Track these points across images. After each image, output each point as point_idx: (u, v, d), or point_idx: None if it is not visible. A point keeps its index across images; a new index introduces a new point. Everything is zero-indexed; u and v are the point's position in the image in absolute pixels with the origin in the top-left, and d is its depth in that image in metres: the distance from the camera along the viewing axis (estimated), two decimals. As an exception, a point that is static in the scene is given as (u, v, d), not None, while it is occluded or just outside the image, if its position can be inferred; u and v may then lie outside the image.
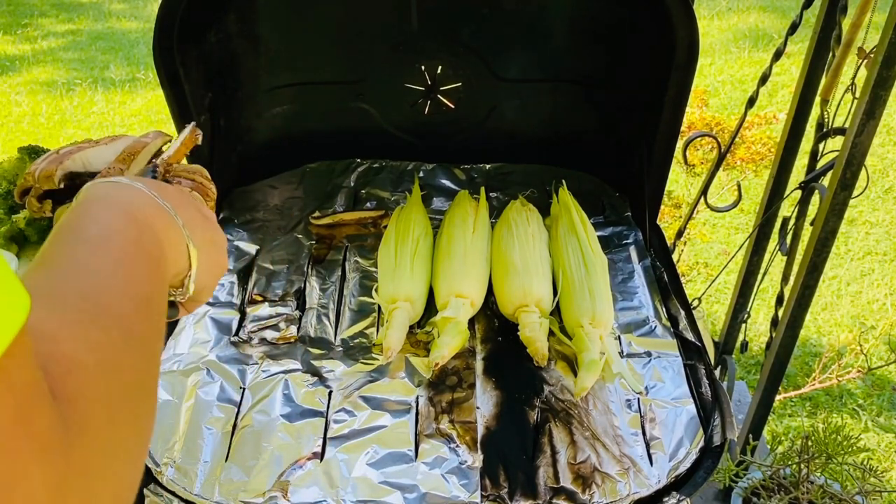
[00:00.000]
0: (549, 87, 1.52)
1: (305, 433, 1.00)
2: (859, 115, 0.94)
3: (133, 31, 5.29)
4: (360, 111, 1.55)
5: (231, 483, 0.93)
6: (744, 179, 3.10)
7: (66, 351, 0.34)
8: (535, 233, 1.30)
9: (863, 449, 1.07)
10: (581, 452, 0.97)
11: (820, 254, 1.06)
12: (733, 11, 5.02)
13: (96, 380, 0.34)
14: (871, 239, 2.89)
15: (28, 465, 0.26)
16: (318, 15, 1.45)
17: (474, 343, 1.16)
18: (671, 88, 1.24)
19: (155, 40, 1.17)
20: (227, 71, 1.40)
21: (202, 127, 1.31)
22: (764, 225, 1.37)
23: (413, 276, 1.21)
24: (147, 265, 0.46)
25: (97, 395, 0.33)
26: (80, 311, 0.38)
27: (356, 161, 1.62)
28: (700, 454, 0.98)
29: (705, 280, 2.62)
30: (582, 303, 1.15)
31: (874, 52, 0.91)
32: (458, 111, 1.55)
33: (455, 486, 0.93)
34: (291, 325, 1.20)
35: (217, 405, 1.04)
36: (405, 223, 1.32)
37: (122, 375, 0.37)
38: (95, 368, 0.34)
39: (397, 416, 1.03)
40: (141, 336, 0.40)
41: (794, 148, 1.29)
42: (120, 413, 0.35)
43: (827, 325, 2.50)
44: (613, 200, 1.51)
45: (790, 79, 3.90)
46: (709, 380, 1.09)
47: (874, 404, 2.19)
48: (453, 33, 1.45)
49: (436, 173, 1.60)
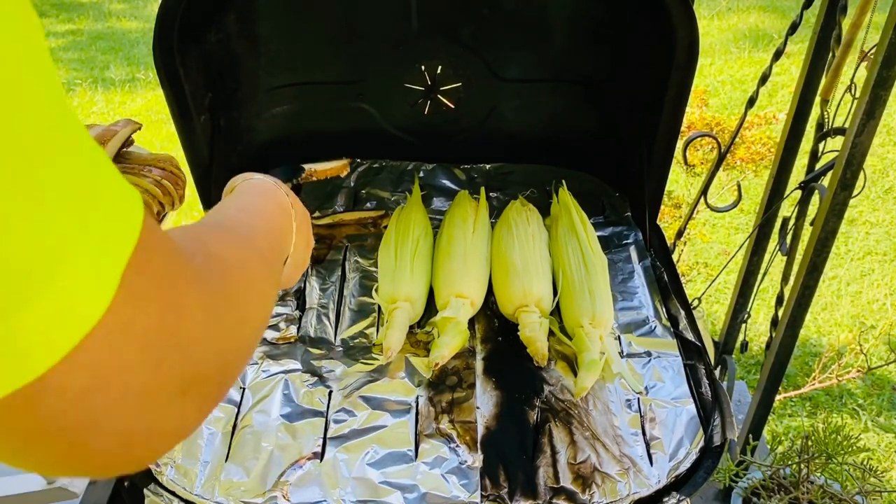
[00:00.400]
0: (549, 87, 1.52)
1: (305, 433, 1.00)
2: (859, 115, 0.94)
3: (133, 31, 5.29)
4: (360, 111, 1.55)
5: (231, 483, 0.94)
6: (744, 179, 3.10)
7: (213, 251, 0.42)
8: (535, 233, 1.30)
9: (863, 449, 1.07)
10: (581, 452, 0.97)
11: (820, 254, 1.06)
12: (733, 11, 5.02)
13: (234, 272, 0.43)
14: (871, 239, 2.89)
15: (188, 292, 0.34)
16: (318, 15, 1.45)
17: (474, 343, 1.16)
18: (671, 88, 1.24)
19: (155, 40, 1.17)
20: (227, 71, 1.40)
21: (202, 127, 1.31)
22: (764, 225, 1.37)
23: (413, 276, 1.21)
24: (280, 236, 0.65)
25: (239, 266, 0.44)
26: (236, 240, 0.50)
27: (356, 161, 1.62)
28: (700, 454, 0.98)
29: (705, 280, 2.62)
30: (582, 303, 1.15)
31: (874, 52, 0.91)
32: (458, 111, 1.55)
33: (455, 486, 0.93)
34: (291, 325, 1.20)
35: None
36: (405, 223, 1.32)
37: (253, 278, 0.46)
38: (236, 264, 0.44)
39: (397, 416, 1.03)
40: (270, 269, 0.54)
41: (794, 148, 1.29)
42: (252, 286, 0.45)
43: (827, 325, 2.50)
44: (613, 200, 1.51)
45: (790, 79, 3.90)
46: (709, 380, 1.09)
47: (874, 404, 2.19)
48: (453, 33, 1.45)
49: (436, 173, 1.60)
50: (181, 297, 0.33)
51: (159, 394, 0.32)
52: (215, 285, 0.39)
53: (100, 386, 0.29)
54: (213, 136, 1.37)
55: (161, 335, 0.31)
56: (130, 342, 0.30)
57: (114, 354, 0.29)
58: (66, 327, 0.27)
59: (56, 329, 0.26)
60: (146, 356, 0.30)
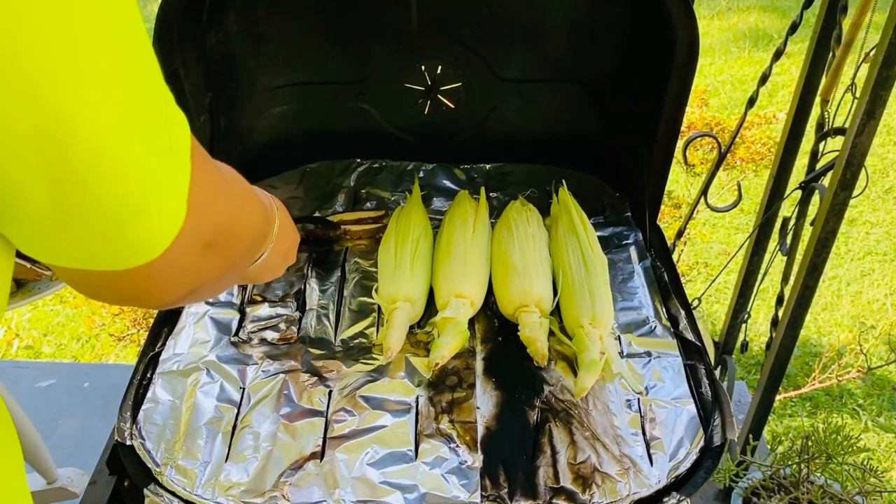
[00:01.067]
0: (548, 86, 1.52)
1: (305, 433, 1.00)
2: (859, 115, 0.94)
3: (133, 31, 5.27)
4: (360, 111, 1.55)
5: (231, 483, 0.94)
6: (744, 179, 3.10)
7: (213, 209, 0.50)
8: (535, 233, 1.30)
9: (863, 449, 1.06)
10: (581, 452, 0.97)
11: (820, 254, 1.06)
12: (733, 11, 5.02)
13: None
14: (871, 239, 2.89)
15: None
16: (318, 15, 1.45)
17: (474, 343, 1.16)
18: (671, 88, 1.24)
19: (155, 40, 1.17)
20: (227, 71, 1.40)
21: (202, 127, 1.31)
22: (764, 225, 1.37)
23: (413, 277, 1.21)
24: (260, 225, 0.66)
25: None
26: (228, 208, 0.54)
27: (356, 161, 1.62)
28: (700, 454, 0.98)
29: (705, 280, 2.62)
30: (582, 303, 1.15)
31: (874, 52, 0.91)
32: (458, 111, 1.55)
33: (455, 486, 0.93)
34: (291, 326, 1.20)
35: (217, 405, 1.04)
36: (405, 223, 1.32)
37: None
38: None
39: (397, 416, 1.03)
40: (249, 243, 0.60)
41: (794, 148, 1.29)
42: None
43: (827, 325, 2.50)
44: (613, 200, 1.51)
45: (790, 79, 3.90)
46: (709, 380, 1.09)
47: (874, 404, 2.19)
48: (453, 33, 1.45)
49: (436, 173, 1.60)
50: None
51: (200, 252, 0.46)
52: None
53: (177, 262, 0.43)
54: (214, 136, 1.37)
55: (211, 229, 0.46)
56: (196, 239, 0.44)
57: (187, 248, 0.43)
58: (162, 234, 0.40)
59: (157, 234, 0.40)
60: (202, 242, 0.46)
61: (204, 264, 0.48)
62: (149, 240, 0.40)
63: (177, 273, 0.45)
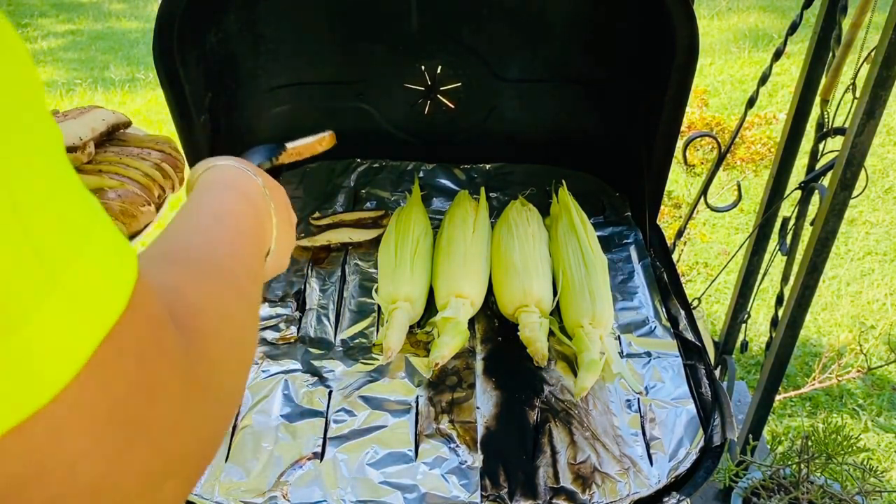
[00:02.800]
0: (548, 87, 1.52)
1: (305, 433, 1.00)
2: (859, 115, 0.94)
3: (133, 31, 5.29)
4: (360, 111, 1.55)
5: (231, 483, 0.93)
6: (744, 179, 3.10)
7: (190, 299, 0.40)
8: (535, 233, 1.30)
9: (863, 449, 1.07)
10: (581, 452, 0.97)
11: (820, 254, 1.06)
12: (733, 11, 5.02)
13: (214, 322, 0.40)
14: (871, 239, 2.89)
15: (164, 372, 0.31)
16: (318, 15, 1.45)
17: (474, 343, 1.16)
18: (671, 88, 1.24)
19: (155, 40, 1.17)
20: (227, 71, 1.40)
21: (202, 127, 1.31)
22: (764, 225, 1.37)
23: (413, 276, 1.21)
24: (254, 238, 0.57)
25: (215, 335, 0.39)
26: (202, 270, 0.46)
27: (356, 161, 1.62)
28: (700, 454, 0.98)
29: (705, 280, 2.62)
30: (582, 303, 1.15)
31: (874, 52, 0.91)
32: (458, 111, 1.55)
33: (455, 486, 0.93)
34: (291, 326, 1.20)
35: (217, 405, 1.04)
36: (405, 223, 1.32)
37: (233, 322, 0.44)
38: (213, 314, 0.41)
39: (397, 416, 1.03)
40: (248, 295, 0.49)
41: (794, 148, 1.29)
42: (230, 353, 0.42)
43: (827, 325, 2.50)
44: (613, 200, 1.51)
45: (790, 79, 3.90)
46: (709, 380, 1.09)
47: (874, 404, 2.19)
48: (453, 33, 1.45)
49: (436, 173, 1.60)
50: (156, 376, 0.30)
51: (126, 487, 0.28)
52: (193, 357, 0.35)
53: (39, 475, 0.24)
54: (213, 137, 1.37)
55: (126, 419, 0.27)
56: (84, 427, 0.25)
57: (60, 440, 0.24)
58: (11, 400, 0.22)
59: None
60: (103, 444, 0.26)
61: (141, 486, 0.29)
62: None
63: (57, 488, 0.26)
